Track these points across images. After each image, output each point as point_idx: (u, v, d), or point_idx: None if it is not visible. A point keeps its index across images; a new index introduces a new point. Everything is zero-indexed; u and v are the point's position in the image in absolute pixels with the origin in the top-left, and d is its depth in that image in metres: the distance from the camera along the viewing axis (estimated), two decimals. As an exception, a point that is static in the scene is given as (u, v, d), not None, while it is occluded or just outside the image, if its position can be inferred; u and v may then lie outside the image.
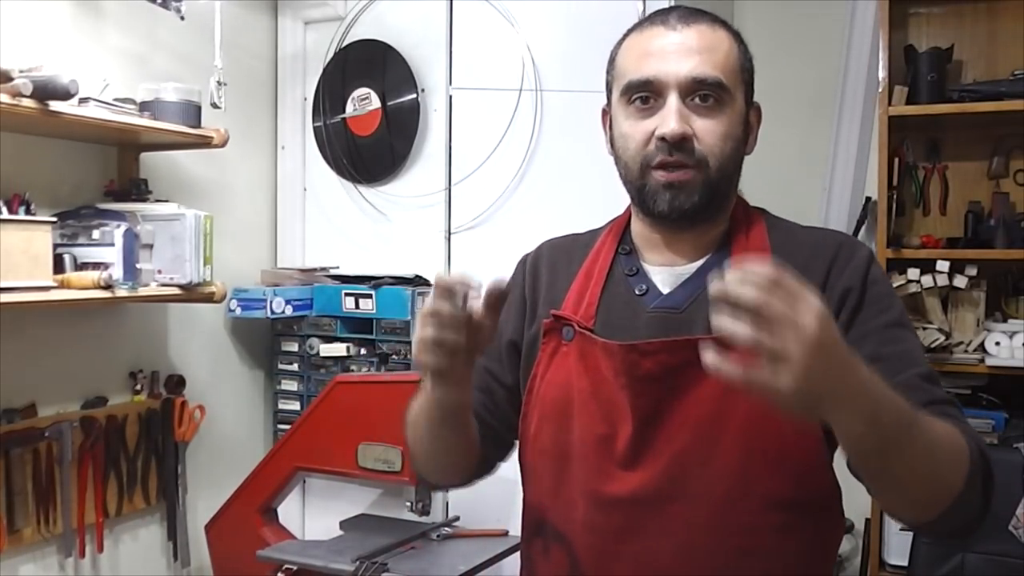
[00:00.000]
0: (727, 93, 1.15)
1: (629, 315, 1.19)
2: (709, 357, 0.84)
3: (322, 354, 2.66)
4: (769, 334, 0.82)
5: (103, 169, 2.37)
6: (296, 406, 2.73)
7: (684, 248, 1.21)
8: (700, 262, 1.20)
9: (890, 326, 1.13)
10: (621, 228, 1.29)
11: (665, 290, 1.20)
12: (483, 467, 1.34)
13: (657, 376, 1.12)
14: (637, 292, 1.21)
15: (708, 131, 1.14)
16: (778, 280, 0.83)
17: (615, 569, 1.15)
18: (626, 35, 1.22)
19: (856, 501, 2.88)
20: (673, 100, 1.13)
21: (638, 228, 1.26)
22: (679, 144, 1.13)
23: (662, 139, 1.13)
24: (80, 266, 2.11)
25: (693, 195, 1.15)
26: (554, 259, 1.32)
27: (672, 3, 2.37)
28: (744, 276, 0.83)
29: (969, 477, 1.01)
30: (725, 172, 1.17)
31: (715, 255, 1.20)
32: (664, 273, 1.21)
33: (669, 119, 1.13)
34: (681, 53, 1.14)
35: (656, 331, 1.15)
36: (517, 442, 1.30)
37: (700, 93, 1.14)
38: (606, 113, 1.25)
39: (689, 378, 1.10)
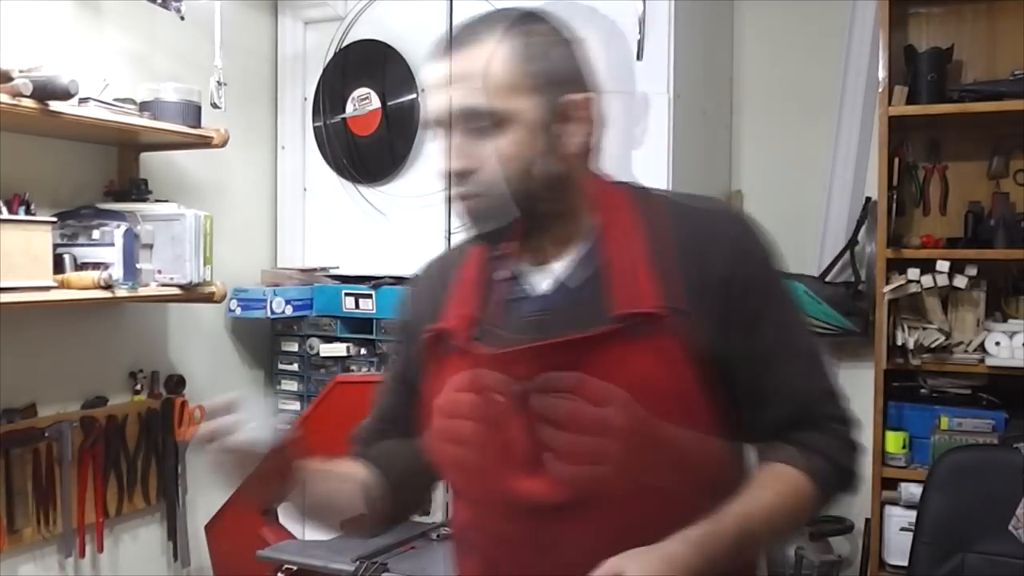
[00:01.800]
0: (498, 115, 1.10)
1: (508, 320, 1.17)
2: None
3: (322, 354, 2.66)
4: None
5: (103, 169, 2.37)
6: (296, 406, 2.73)
7: (542, 249, 1.19)
8: (571, 257, 1.17)
9: (772, 308, 1.15)
10: None
11: (540, 291, 1.18)
12: (425, 497, 1.40)
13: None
14: (514, 296, 1.19)
15: (488, 158, 1.11)
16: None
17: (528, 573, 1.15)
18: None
19: (856, 502, 2.89)
20: (449, 136, 1.13)
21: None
22: (461, 177, 1.13)
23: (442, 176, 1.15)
24: (80, 266, 2.11)
25: (489, 220, 1.14)
26: (430, 277, 1.33)
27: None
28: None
29: (819, 504, 1.15)
30: (520, 189, 1.12)
31: (587, 244, 1.17)
32: (539, 273, 1.19)
33: (443, 157, 1.14)
34: (445, 87, 1.12)
35: (534, 334, 1.13)
36: None
37: (473, 123, 1.11)
38: None
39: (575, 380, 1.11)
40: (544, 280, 1.18)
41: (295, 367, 2.74)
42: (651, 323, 1.09)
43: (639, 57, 2.35)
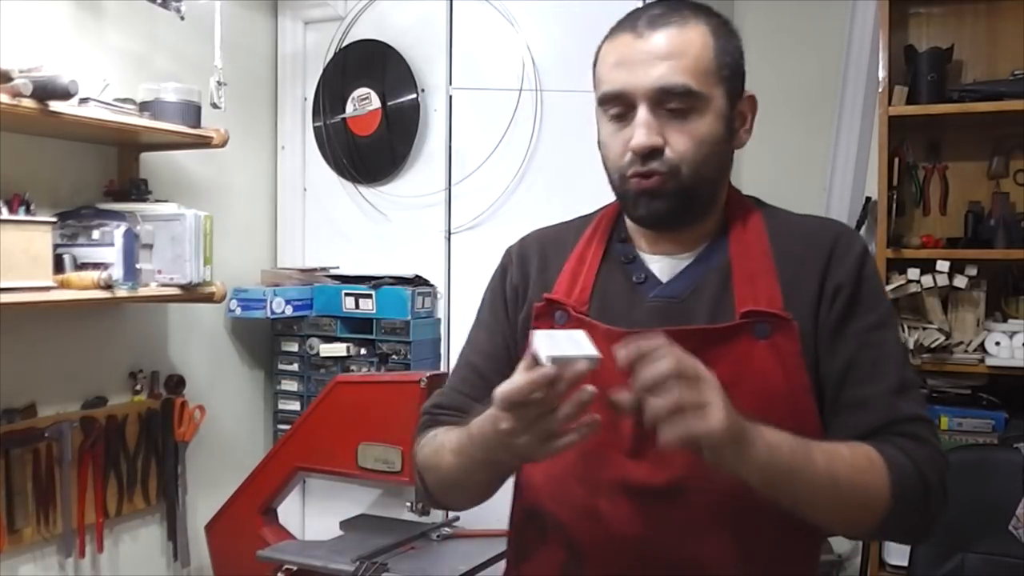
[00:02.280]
0: (698, 98, 1.14)
1: (626, 302, 1.19)
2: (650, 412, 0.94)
3: (322, 354, 2.66)
4: (688, 391, 0.93)
5: (103, 169, 2.37)
6: (296, 406, 2.73)
7: (679, 240, 1.22)
8: (698, 251, 1.21)
9: (873, 328, 1.15)
10: (613, 216, 1.29)
11: (664, 279, 1.20)
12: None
13: None
14: (635, 280, 1.21)
15: (681, 139, 1.14)
16: (669, 348, 0.94)
17: (613, 555, 1.15)
18: (604, 40, 1.22)
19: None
20: (642, 112, 1.13)
21: (631, 222, 1.26)
22: (650, 154, 1.13)
23: (633, 151, 1.14)
24: (80, 266, 2.11)
25: (667, 201, 1.15)
26: (544, 245, 1.32)
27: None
28: (643, 350, 0.95)
29: (894, 503, 1.08)
30: (702, 175, 1.15)
31: (712, 243, 1.21)
32: (662, 262, 1.22)
33: (637, 132, 1.13)
34: (647, 62, 1.13)
35: (657, 320, 1.14)
36: None
37: (670, 103, 1.13)
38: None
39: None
40: (669, 269, 1.21)
41: (295, 367, 2.74)
42: (773, 324, 1.12)
43: (639, 57, 2.35)
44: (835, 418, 1.13)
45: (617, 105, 1.16)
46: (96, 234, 2.13)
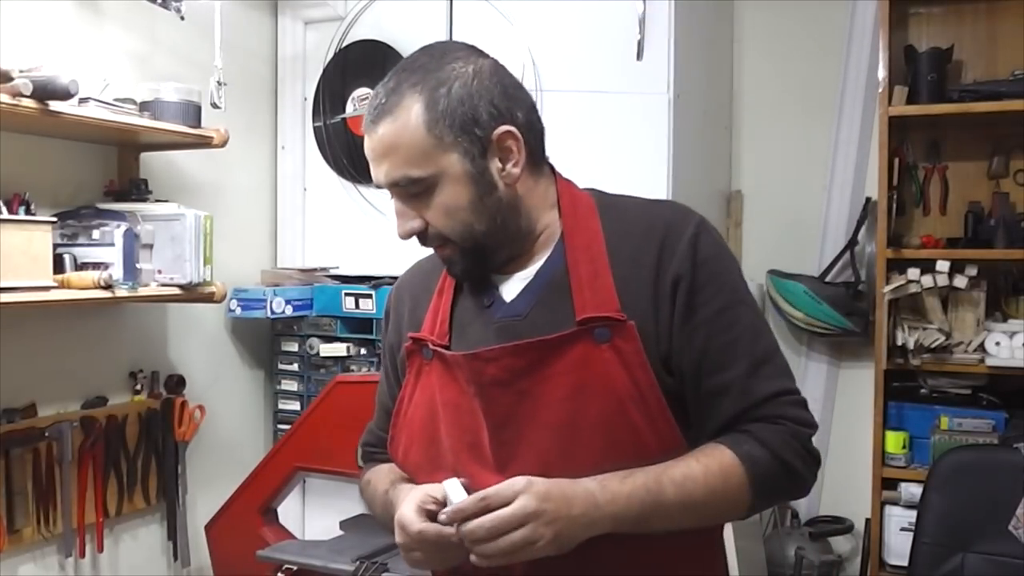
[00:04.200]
0: (425, 180, 1.17)
1: (480, 327, 1.23)
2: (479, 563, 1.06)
3: (322, 354, 2.66)
4: (514, 535, 1.04)
5: (103, 169, 2.37)
6: (296, 406, 2.73)
7: (518, 260, 1.24)
8: (538, 264, 1.23)
9: (720, 312, 1.16)
10: None
11: (509, 298, 1.23)
12: None
13: (504, 381, 1.16)
14: (485, 303, 1.24)
15: (433, 215, 1.19)
16: (484, 502, 1.05)
17: (499, 570, 1.16)
18: None
19: (856, 501, 2.90)
20: (395, 204, 1.21)
21: None
22: (420, 236, 1.21)
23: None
24: (80, 266, 2.11)
25: (461, 262, 1.22)
26: (413, 284, 1.37)
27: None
28: (456, 514, 1.06)
29: (755, 495, 1.13)
30: (475, 233, 1.19)
31: (551, 255, 1.23)
32: (507, 283, 1.25)
33: (396, 223, 1.22)
34: (376, 161, 1.20)
35: (503, 339, 1.18)
36: None
37: (407, 190, 1.19)
38: None
39: (537, 380, 1.15)
40: (514, 288, 1.24)
41: (295, 367, 2.74)
42: (611, 327, 1.14)
43: (639, 57, 2.35)
44: (700, 408, 1.16)
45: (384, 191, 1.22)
46: (96, 234, 2.13)
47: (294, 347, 2.73)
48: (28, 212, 2.03)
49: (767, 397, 1.15)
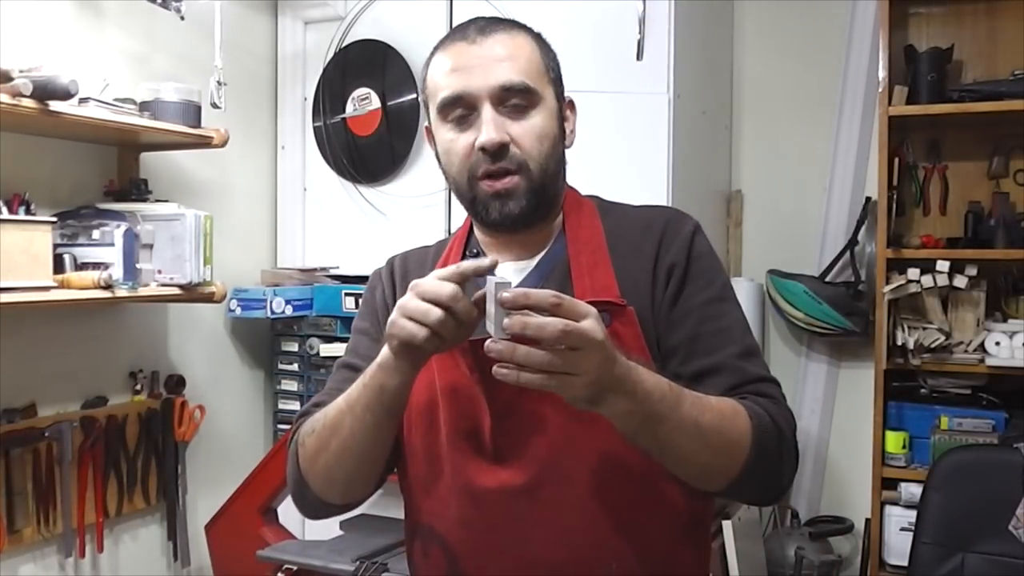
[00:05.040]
0: (535, 95, 1.19)
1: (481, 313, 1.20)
2: (501, 370, 0.94)
3: (322, 354, 2.66)
4: (560, 356, 0.92)
5: (103, 169, 2.37)
6: (296, 406, 2.73)
7: (525, 244, 1.26)
8: (540, 255, 1.26)
9: (711, 302, 1.20)
10: (466, 233, 1.34)
11: (513, 283, 1.21)
12: (382, 479, 1.29)
13: None
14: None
15: (524, 134, 1.19)
16: (558, 300, 0.93)
17: (493, 562, 1.18)
18: (432, 54, 1.26)
19: (856, 501, 2.90)
20: (487, 110, 1.18)
21: (479, 233, 1.31)
22: (499, 152, 1.17)
23: (482, 149, 1.17)
24: (80, 266, 2.11)
25: (520, 200, 1.19)
26: (407, 269, 1.36)
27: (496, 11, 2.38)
28: (523, 297, 0.94)
29: (754, 450, 1.09)
30: (548, 171, 1.21)
31: (553, 246, 1.26)
32: (508, 269, 1.24)
33: (486, 129, 1.17)
34: (486, 65, 1.18)
35: None
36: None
37: (511, 100, 1.18)
38: (429, 131, 1.28)
39: None
40: (515, 276, 1.24)
41: (295, 367, 2.74)
42: (612, 312, 1.15)
43: (639, 57, 2.35)
44: (691, 388, 1.13)
45: (459, 108, 1.19)
46: (96, 234, 2.13)
47: (294, 347, 2.73)
48: (28, 212, 2.04)
49: (760, 378, 1.17)
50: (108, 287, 2.04)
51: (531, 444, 1.15)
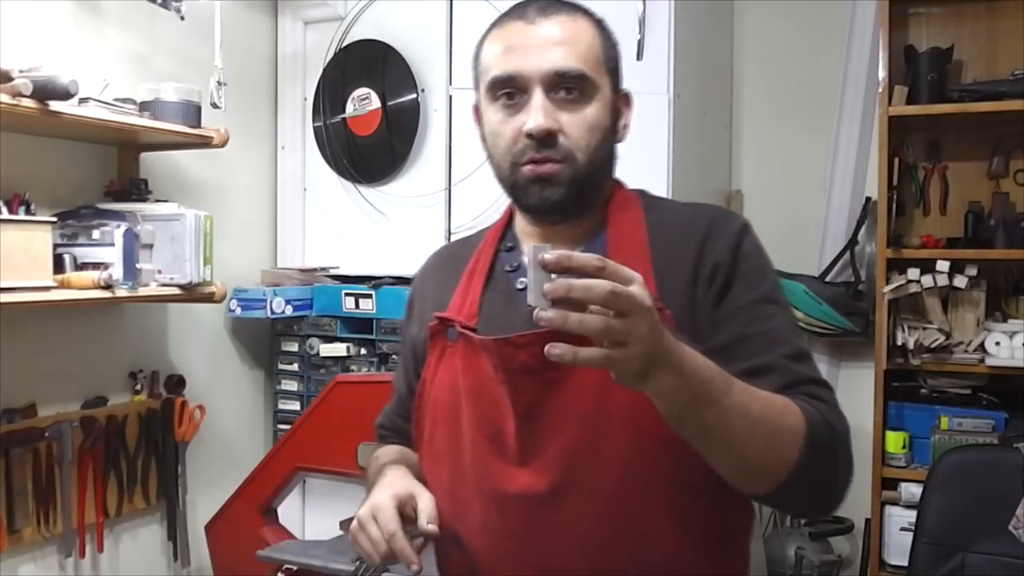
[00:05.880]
0: (591, 84, 1.14)
1: (510, 311, 1.19)
2: (554, 350, 0.85)
3: (322, 354, 2.66)
4: (614, 320, 0.85)
5: (103, 169, 2.37)
6: (296, 406, 2.73)
7: (563, 239, 1.19)
8: (578, 249, 1.17)
9: (759, 302, 1.13)
10: (503, 225, 1.30)
11: None
12: None
13: (533, 368, 1.11)
14: (517, 287, 1.21)
15: (574, 124, 1.14)
16: (602, 263, 0.85)
17: (513, 569, 1.15)
18: (488, 31, 1.22)
19: (856, 501, 2.90)
20: (537, 95, 1.13)
21: (520, 223, 1.27)
22: (545, 139, 1.12)
23: (529, 135, 1.13)
24: (80, 266, 2.11)
25: (561, 188, 1.14)
26: (441, 265, 1.34)
27: None
28: (566, 259, 0.85)
29: (807, 450, 1.01)
30: (594, 163, 1.16)
31: (593, 242, 1.20)
32: None
33: (534, 115, 1.12)
34: (542, 47, 1.13)
35: (534, 325, 1.10)
36: None
37: (564, 86, 1.13)
38: (477, 110, 1.24)
39: (566, 369, 1.07)
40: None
41: (295, 367, 2.74)
42: None
43: (639, 57, 2.35)
44: None
45: (509, 89, 1.15)
46: (96, 234, 2.13)
47: (294, 347, 2.73)
48: (28, 212, 2.04)
49: (812, 379, 1.10)
50: (108, 287, 2.04)
51: (554, 448, 1.12)
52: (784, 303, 1.18)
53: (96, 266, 2.10)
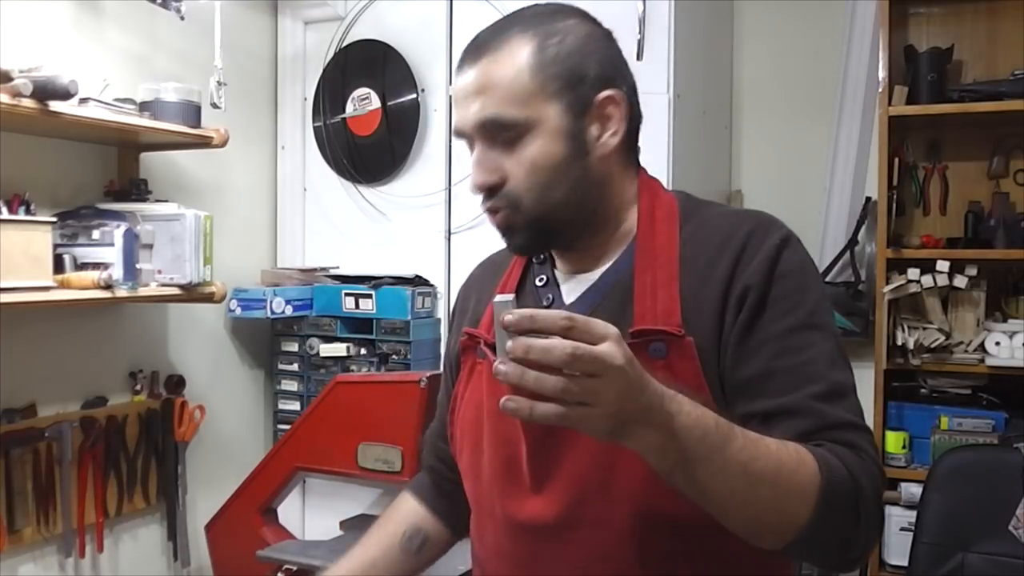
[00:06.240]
0: (519, 125, 1.07)
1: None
2: (508, 404, 0.81)
3: (322, 354, 2.65)
4: (575, 381, 0.80)
5: (103, 169, 2.37)
6: (296, 406, 2.73)
7: (586, 255, 1.16)
8: (605, 267, 1.14)
9: (793, 331, 1.03)
10: None
11: (569, 299, 1.15)
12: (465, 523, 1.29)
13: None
14: (544, 303, 1.17)
15: (515, 168, 1.08)
16: (570, 323, 0.80)
17: None
18: None
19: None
20: (476, 150, 1.11)
21: None
22: (490, 191, 1.10)
23: (472, 192, 1.12)
24: (80, 266, 2.11)
25: (521, 233, 1.11)
26: (483, 276, 1.32)
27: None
28: (527, 320, 0.80)
29: (820, 509, 0.93)
30: (550, 200, 1.08)
31: (621, 257, 1.14)
32: (570, 281, 1.17)
33: (472, 172, 1.11)
34: (466, 99, 1.10)
35: None
36: None
37: (499, 134, 1.08)
38: None
39: None
40: (575, 289, 1.16)
41: (295, 367, 2.74)
42: (667, 342, 1.04)
43: (639, 57, 2.35)
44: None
45: (464, 140, 1.13)
46: (96, 234, 2.13)
47: (294, 347, 2.73)
48: (28, 212, 2.03)
49: (843, 423, 1.00)
50: (108, 287, 2.04)
51: (564, 478, 1.07)
52: (828, 328, 1.07)
53: (96, 266, 2.10)
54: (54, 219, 2.05)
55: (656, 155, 2.38)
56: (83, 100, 2.03)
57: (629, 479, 1.04)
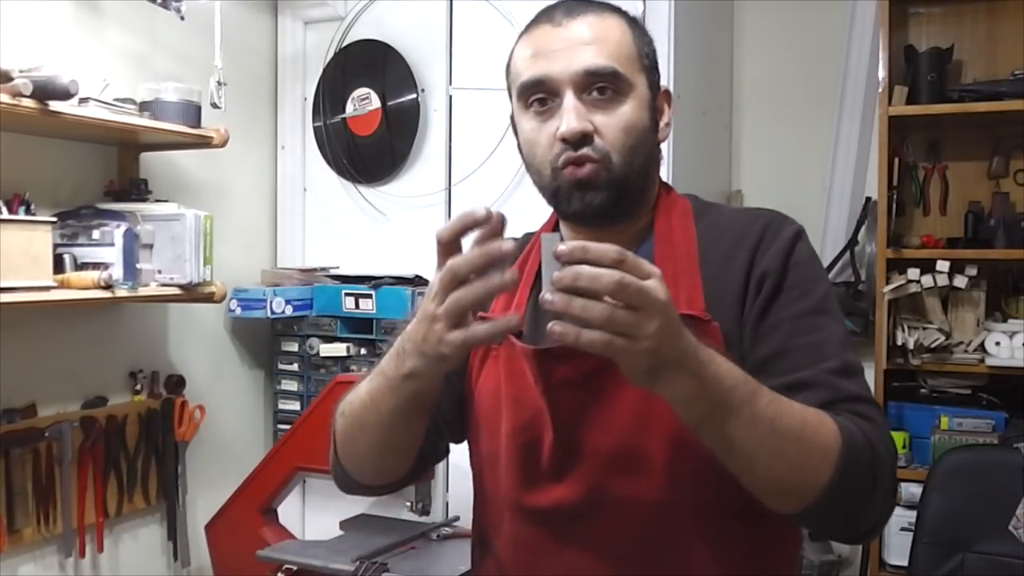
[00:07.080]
0: (624, 82, 1.10)
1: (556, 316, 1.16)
2: (556, 327, 0.84)
3: (322, 354, 2.66)
4: (626, 312, 0.83)
5: (103, 169, 2.37)
6: (296, 406, 2.73)
7: (617, 239, 1.13)
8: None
9: (807, 314, 1.08)
10: (552, 226, 1.26)
11: None
12: (419, 467, 1.23)
13: (574, 382, 1.08)
14: None
15: (609, 125, 1.10)
16: (621, 256, 0.84)
17: None
18: (517, 39, 1.18)
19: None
20: (569, 97, 1.09)
21: (564, 228, 1.23)
22: (580, 141, 1.09)
23: (563, 139, 1.09)
24: (80, 266, 2.11)
25: (602, 192, 1.11)
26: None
27: None
28: (580, 251, 0.83)
29: (841, 470, 0.95)
30: (633, 164, 1.11)
31: (639, 248, 1.14)
32: None
33: (567, 118, 1.09)
34: (570, 48, 1.10)
35: None
36: (451, 443, 1.28)
37: (596, 86, 1.10)
38: (513, 119, 1.21)
39: (609, 383, 1.05)
40: None
41: (295, 367, 2.74)
42: (692, 327, 1.04)
43: (639, 57, 2.35)
44: None
45: (540, 94, 1.12)
46: (96, 234, 2.13)
47: (294, 347, 2.73)
48: (28, 212, 2.04)
49: (858, 395, 1.04)
50: (108, 287, 2.04)
51: (590, 462, 1.09)
52: (837, 314, 1.12)
53: (96, 266, 2.10)
54: (54, 219, 2.05)
55: (656, 155, 2.38)
56: (83, 100, 2.03)
57: (655, 460, 1.06)
